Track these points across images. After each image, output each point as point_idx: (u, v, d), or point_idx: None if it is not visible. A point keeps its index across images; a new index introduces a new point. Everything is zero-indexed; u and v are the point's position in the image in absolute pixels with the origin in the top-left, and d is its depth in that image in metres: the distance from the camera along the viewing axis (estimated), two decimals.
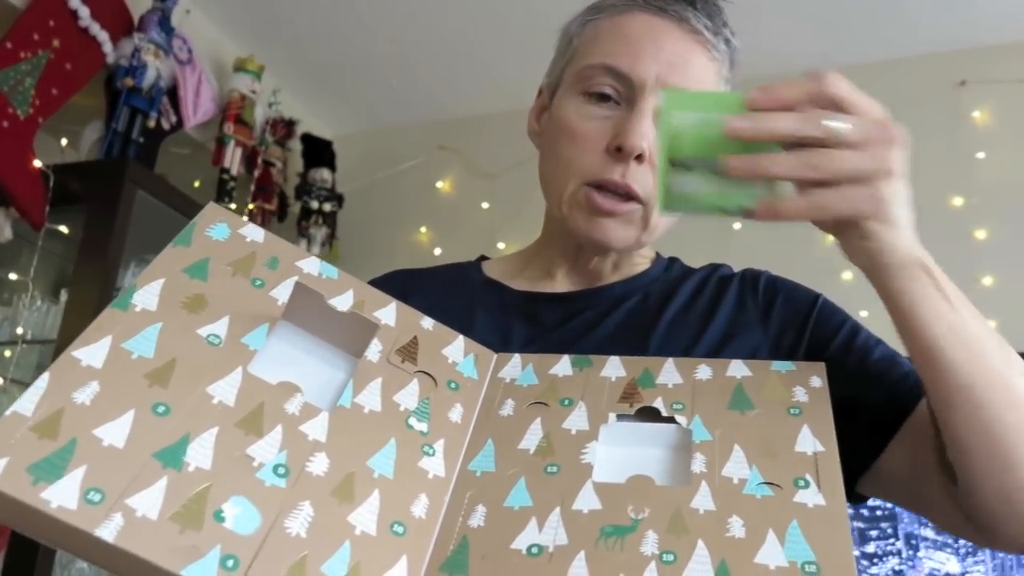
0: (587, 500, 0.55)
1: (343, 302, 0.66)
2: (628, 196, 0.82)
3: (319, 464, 0.54)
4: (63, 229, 2.15)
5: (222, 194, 2.52)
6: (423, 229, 3.02)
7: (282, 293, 0.63)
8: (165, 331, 0.57)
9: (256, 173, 2.65)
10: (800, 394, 0.63)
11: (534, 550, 0.52)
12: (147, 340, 0.56)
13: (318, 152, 2.87)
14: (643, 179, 0.82)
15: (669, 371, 0.66)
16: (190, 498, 0.49)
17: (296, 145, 2.88)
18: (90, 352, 0.53)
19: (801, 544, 0.50)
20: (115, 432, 0.50)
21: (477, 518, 0.56)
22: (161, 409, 0.52)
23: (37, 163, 2.06)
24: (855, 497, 0.80)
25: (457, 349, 0.68)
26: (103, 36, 2.23)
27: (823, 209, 0.58)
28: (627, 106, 0.83)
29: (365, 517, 0.53)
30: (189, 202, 2.33)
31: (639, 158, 0.81)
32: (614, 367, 0.67)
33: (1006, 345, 0.66)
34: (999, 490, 0.65)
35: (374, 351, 0.64)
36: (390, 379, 0.62)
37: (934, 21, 2.57)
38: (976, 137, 2.56)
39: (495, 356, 0.70)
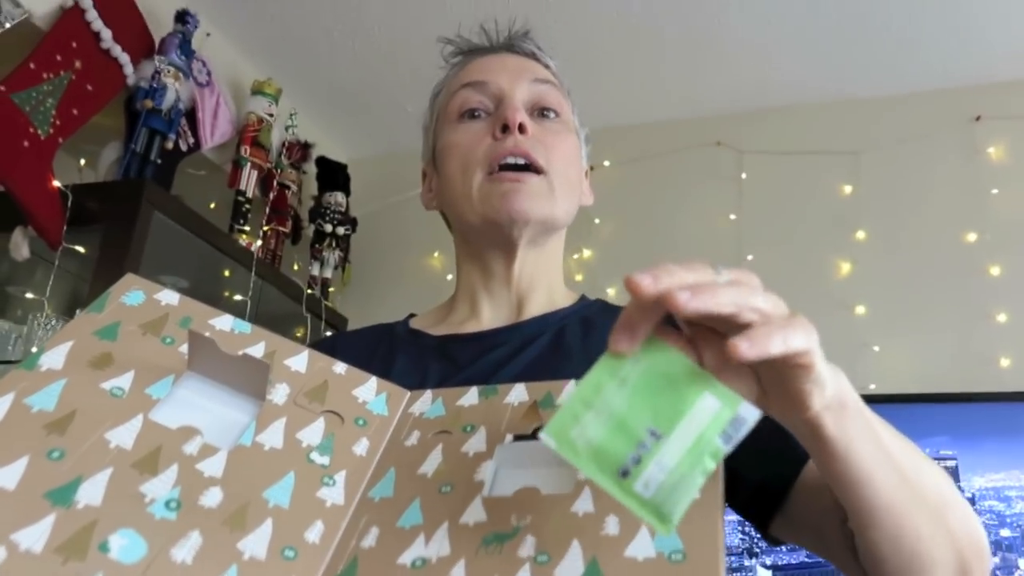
0: (474, 514, 0.55)
1: (255, 354, 0.66)
2: (528, 165, 0.91)
3: (212, 497, 0.55)
4: (79, 249, 2.17)
5: (237, 216, 2.54)
6: (436, 254, 3.04)
7: None
8: (69, 386, 0.58)
9: (271, 195, 2.67)
10: None
11: (418, 563, 0.53)
12: (49, 395, 0.57)
13: (333, 175, 2.89)
14: (534, 145, 0.92)
15: (570, 391, 0.65)
16: (76, 531, 0.49)
17: (311, 168, 2.90)
18: None
19: (671, 535, 0.50)
20: (6, 476, 0.51)
21: (369, 539, 0.56)
22: (56, 454, 0.53)
23: (56, 183, 2.10)
24: (770, 540, 0.80)
25: (369, 389, 0.68)
26: (124, 58, 2.27)
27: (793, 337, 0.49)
28: (495, 110, 0.96)
29: (255, 543, 0.53)
30: (205, 224, 2.35)
31: (523, 130, 0.91)
32: (518, 393, 0.67)
33: (911, 446, 0.66)
34: None
35: (281, 395, 0.64)
36: (295, 419, 0.63)
37: (949, 56, 2.55)
38: (991, 173, 2.53)
39: (408, 394, 0.70)
